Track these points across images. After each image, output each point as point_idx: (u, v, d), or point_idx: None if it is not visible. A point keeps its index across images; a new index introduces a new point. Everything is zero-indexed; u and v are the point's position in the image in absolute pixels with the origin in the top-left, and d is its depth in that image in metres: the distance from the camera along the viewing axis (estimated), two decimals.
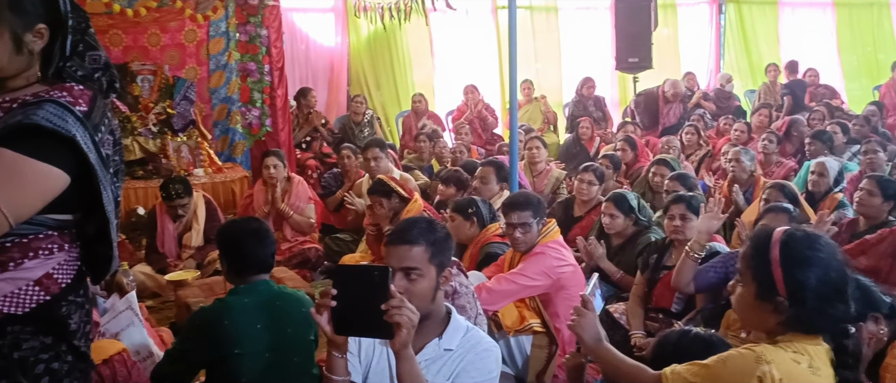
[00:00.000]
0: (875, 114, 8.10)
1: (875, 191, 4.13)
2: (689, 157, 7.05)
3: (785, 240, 1.77)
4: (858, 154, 6.50)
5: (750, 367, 1.69)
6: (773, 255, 1.76)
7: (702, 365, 1.77)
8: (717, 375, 1.73)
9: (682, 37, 10.97)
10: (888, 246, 3.73)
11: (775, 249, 1.76)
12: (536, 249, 3.59)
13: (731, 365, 1.73)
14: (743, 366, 1.70)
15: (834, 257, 1.74)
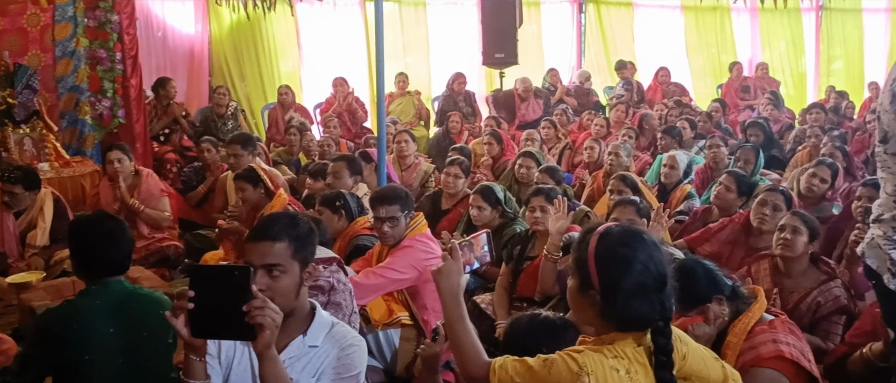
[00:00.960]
0: (718, 110, 8.72)
1: (732, 186, 4.44)
2: (550, 151, 7.30)
3: (602, 235, 1.80)
4: (704, 148, 6.99)
5: (570, 377, 1.70)
6: (590, 250, 1.79)
7: (528, 366, 1.76)
8: (541, 379, 1.73)
9: (546, 34, 11.33)
10: (728, 233, 4.04)
11: (592, 244, 1.79)
12: (404, 243, 3.60)
13: (556, 370, 1.73)
14: (565, 375, 1.71)
15: (649, 254, 1.76)
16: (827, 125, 7.95)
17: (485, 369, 1.83)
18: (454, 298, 1.97)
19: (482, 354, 1.90)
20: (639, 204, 3.71)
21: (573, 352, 1.75)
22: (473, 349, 1.91)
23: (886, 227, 2.14)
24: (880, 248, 2.16)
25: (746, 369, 2.42)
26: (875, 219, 2.19)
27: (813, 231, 3.32)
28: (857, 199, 4.08)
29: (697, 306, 2.49)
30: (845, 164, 5.29)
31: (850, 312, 3.22)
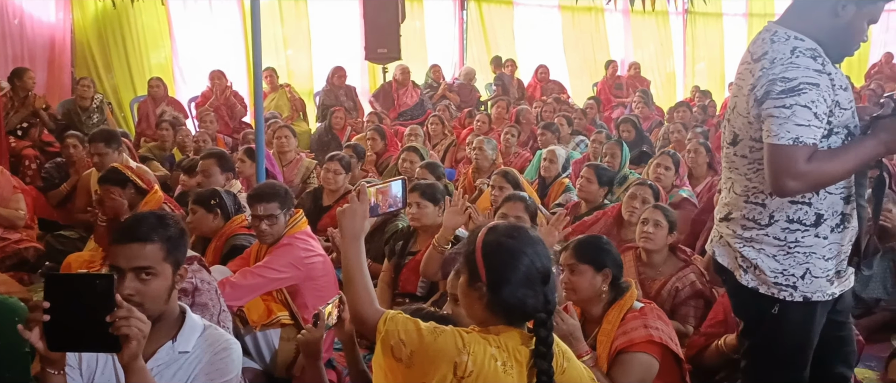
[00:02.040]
0: (593, 107, 9.07)
1: (592, 178, 4.63)
2: (436, 147, 7.35)
3: (489, 229, 1.88)
4: (582, 143, 7.26)
5: (453, 351, 1.75)
6: (477, 243, 1.85)
7: (418, 327, 1.79)
8: (426, 342, 1.77)
9: (429, 30, 11.39)
10: (601, 226, 4.20)
11: (480, 238, 1.86)
12: (283, 241, 3.51)
13: (440, 340, 1.77)
14: (450, 347, 1.75)
15: (534, 249, 1.83)
16: (692, 122, 8.43)
17: (376, 316, 1.84)
18: (355, 241, 1.98)
19: (376, 301, 1.91)
20: (527, 200, 3.80)
21: (463, 331, 1.80)
22: (368, 293, 1.91)
23: (736, 226, 2.22)
24: (729, 246, 2.24)
25: (620, 354, 2.55)
26: (723, 218, 2.27)
27: (672, 223, 3.55)
28: (718, 192, 4.32)
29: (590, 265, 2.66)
30: (708, 159, 5.62)
31: (706, 296, 3.44)
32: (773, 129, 2.01)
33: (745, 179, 2.19)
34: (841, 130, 2.13)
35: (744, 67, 2.15)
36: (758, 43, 2.14)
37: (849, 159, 2.06)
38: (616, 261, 2.73)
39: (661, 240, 3.50)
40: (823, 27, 2.09)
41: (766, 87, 2.02)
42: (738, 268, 2.22)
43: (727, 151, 2.24)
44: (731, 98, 2.23)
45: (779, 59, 2.03)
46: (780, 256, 2.15)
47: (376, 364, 1.83)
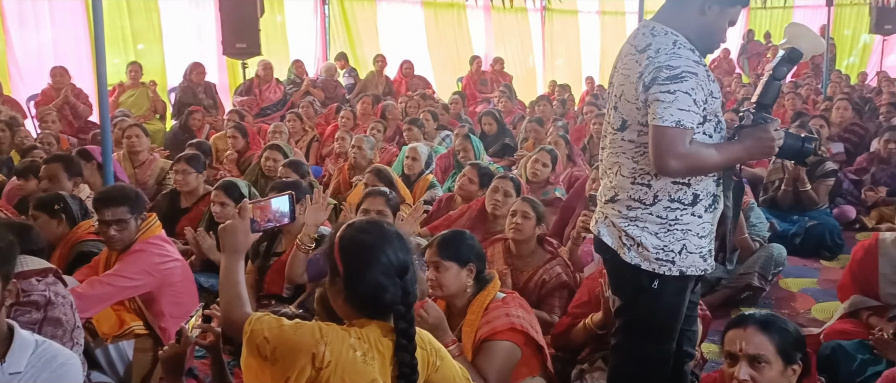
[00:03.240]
0: (458, 102, 9.19)
1: (474, 178, 4.67)
2: (297, 143, 7.20)
3: (347, 226, 1.92)
4: (447, 139, 7.34)
5: (311, 342, 1.77)
6: (336, 240, 1.89)
7: (281, 324, 1.82)
8: (286, 336, 1.79)
9: (291, 25, 11.14)
10: (467, 220, 4.27)
11: (338, 234, 1.90)
12: (135, 247, 3.31)
13: (300, 333, 1.79)
14: (307, 339, 1.78)
15: (390, 242, 1.88)
16: (552, 116, 8.75)
17: (244, 318, 1.86)
18: (235, 255, 2.03)
19: (246, 306, 1.97)
20: (389, 195, 3.79)
21: (323, 324, 1.84)
22: (240, 300, 1.98)
23: (621, 206, 2.37)
24: (614, 226, 2.39)
25: (483, 342, 2.60)
26: (609, 200, 2.41)
27: (539, 215, 3.64)
28: (592, 182, 4.49)
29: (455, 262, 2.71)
30: (568, 151, 5.84)
31: (570, 287, 3.56)
32: (659, 112, 2.19)
33: (633, 162, 2.35)
34: (712, 118, 2.33)
35: (629, 58, 2.33)
36: (639, 37, 2.34)
37: (721, 154, 2.28)
38: (479, 255, 2.79)
39: (529, 231, 3.59)
40: (692, 24, 2.32)
41: (653, 73, 2.21)
42: (622, 247, 2.37)
43: (614, 137, 2.39)
44: (617, 87, 2.38)
45: (663, 50, 2.24)
46: (662, 233, 2.33)
47: (244, 365, 1.85)
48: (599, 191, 2.53)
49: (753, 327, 2.13)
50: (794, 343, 2.14)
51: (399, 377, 1.84)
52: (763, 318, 2.16)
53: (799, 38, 2.44)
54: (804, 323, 4.09)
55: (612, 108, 2.41)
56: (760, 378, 2.08)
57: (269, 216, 2.18)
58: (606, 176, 2.48)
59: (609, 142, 2.44)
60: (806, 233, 5.33)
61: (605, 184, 2.47)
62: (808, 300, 4.54)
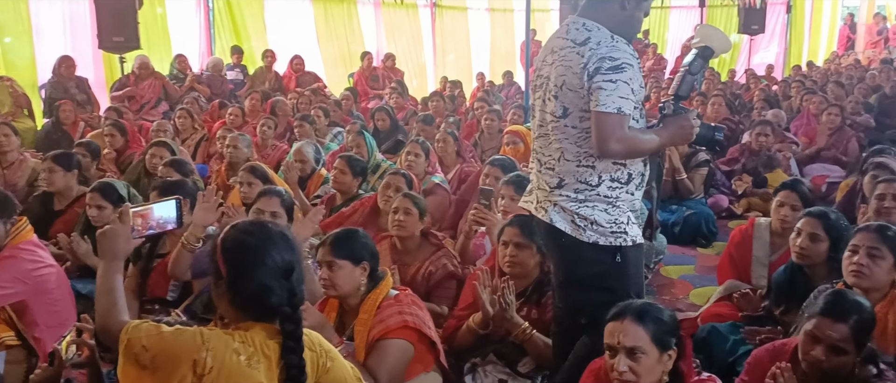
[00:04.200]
0: (349, 99, 9.11)
1: (346, 169, 4.64)
2: (185, 142, 6.94)
3: (230, 227, 1.90)
4: (339, 135, 7.27)
5: (192, 348, 1.74)
6: (219, 242, 1.86)
7: (160, 330, 1.77)
8: (165, 344, 1.75)
9: (172, 18, 10.69)
10: (359, 217, 4.26)
11: (221, 236, 1.88)
12: (5, 253, 3.11)
13: (181, 339, 1.75)
14: (188, 345, 1.74)
15: (274, 243, 1.86)
16: (445, 112, 8.82)
17: (121, 326, 1.80)
18: (114, 261, 2.00)
19: (123, 314, 1.94)
20: (283, 194, 3.72)
21: (205, 329, 1.80)
22: (117, 308, 1.94)
23: (569, 191, 2.53)
24: (565, 210, 2.53)
25: (377, 342, 2.59)
26: (556, 186, 2.55)
27: (421, 210, 3.67)
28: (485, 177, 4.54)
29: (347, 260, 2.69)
30: (456, 147, 5.90)
31: (458, 277, 3.61)
32: (602, 100, 2.38)
33: (577, 146, 2.51)
34: (639, 106, 2.55)
35: (568, 51, 2.49)
36: (573, 31, 2.51)
37: (653, 139, 2.54)
38: (372, 253, 2.78)
39: (412, 227, 3.61)
40: (615, 18, 2.52)
41: (597, 63, 2.40)
42: (577, 228, 2.52)
43: (557, 124, 2.53)
44: (556, 78, 2.51)
45: (603, 42, 2.44)
46: (610, 209, 2.52)
47: (122, 374, 1.78)
48: (539, 180, 2.63)
49: (629, 319, 2.19)
50: (668, 330, 2.22)
51: (287, 379, 1.81)
52: (638, 309, 2.22)
53: (710, 38, 2.69)
54: (683, 308, 4.31)
55: (551, 98, 2.53)
56: (638, 367, 2.16)
57: (152, 223, 2.14)
58: (547, 164, 2.59)
59: (550, 129, 2.56)
60: (684, 222, 5.61)
61: (548, 173, 2.58)
62: (687, 286, 4.78)
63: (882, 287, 2.78)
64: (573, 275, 2.63)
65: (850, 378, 2.35)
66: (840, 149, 7.17)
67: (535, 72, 2.69)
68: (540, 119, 2.63)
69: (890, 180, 3.92)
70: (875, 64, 15.11)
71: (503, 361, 3.05)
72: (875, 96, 10.28)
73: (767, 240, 3.91)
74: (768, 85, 12.08)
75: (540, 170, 2.63)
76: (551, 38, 2.63)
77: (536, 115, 2.67)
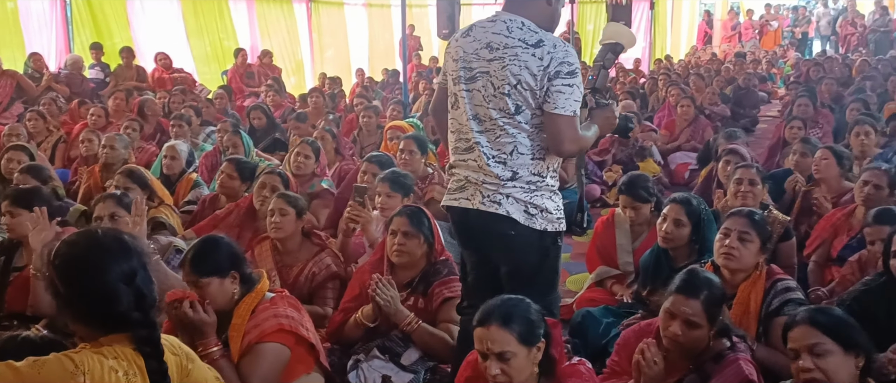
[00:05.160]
0: (223, 97, 8.81)
1: (234, 173, 4.48)
2: (40, 144, 6.48)
3: (61, 242, 1.80)
4: (212, 135, 7.01)
5: (63, 376, 1.64)
6: (50, 260, 1.77)
7: (15, 368, 1.64)
8: (30, 381, 1.63)
9: (24, 13, 9.96)
10: (235, 218, 4.14)
11: (52, 253, 1.77)
12: None
13: (45, 372, 1.64)
14: (57, 375, 1.64)
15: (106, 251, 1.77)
16: (324, 109, 8.70)
17: None
18: None
19: None
20: (122, 198, 3.53)
21: (71, 353, 1.68)
22: None
23: (523, 183, 2.61)
24: (519, 201, 2.61)
25: (252, 347, 2.53)
26: (510, 178, 2.61)
27: (299, 210, 3.60)
28: (362, 174, 4.51)
29: (214, 276, 2.58)
30: (335, 145, 5.84)
31: (341, 277, 3.58)
32: (560, 103, 2.51)
33: (530, 141, 2.60)
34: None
35: (521, 51, 2.53)
36: (517, 30, 2.56)
37: (592, 133, 2.70)
38: (237, 258, 2.67)
39: (289, 227, 3.54)
40: (542, 14, 2.63)
41: (557, 67, 2.51)
42: (529, 217, 2.62)
43: (509, 121, 2.59)
44: (512, 76, 2.54)
45: (559, 46, 2.54)
46: (553, 197, 2.67)
47: None
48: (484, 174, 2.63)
49: (495, 325, 2.21)
50: (534, 325, 2.26)
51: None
52: (503, 313, 2.23)
53: (619, 35, 2.89)
54: (560, 294, 4.45)
55: (500, 95, 2.58)
56: (510, 369, 2.20)
57: None
58: (496, 158, 2.62)
59: (501, 125, 2.60)
60: None
61: (498, 166, 2.61)
62: (563, 273, 4.93)
63: (748, 268, 2.99)
64: (527, 264, 2.70)
65: (706, 350, 2.51)
66: (697, 138, 7.65)
67: (457, 63, 2.68)
68: (478, 113, 2.64)
69: (747, 166, 4.23)
70: (730, 57, 16.21)
71: (387, 355, 3.05)
72: (730, 88, 11.03)
73: (628, 228, 4.11)
74: (635, 78, 12.69)
75: (487, 163, 2.62)
76: (481, 32, 2.64)
77: (466, 108, 2.66)
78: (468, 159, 2.68)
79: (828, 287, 3.71)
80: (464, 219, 2.74)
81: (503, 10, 2.66)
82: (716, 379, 2.43)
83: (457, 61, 2.68)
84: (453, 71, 2.70)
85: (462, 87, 2.66)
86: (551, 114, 2.53)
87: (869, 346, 2.14)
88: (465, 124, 2.68)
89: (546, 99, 2.53)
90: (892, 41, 18.10)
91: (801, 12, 21.53)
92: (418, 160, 4.75)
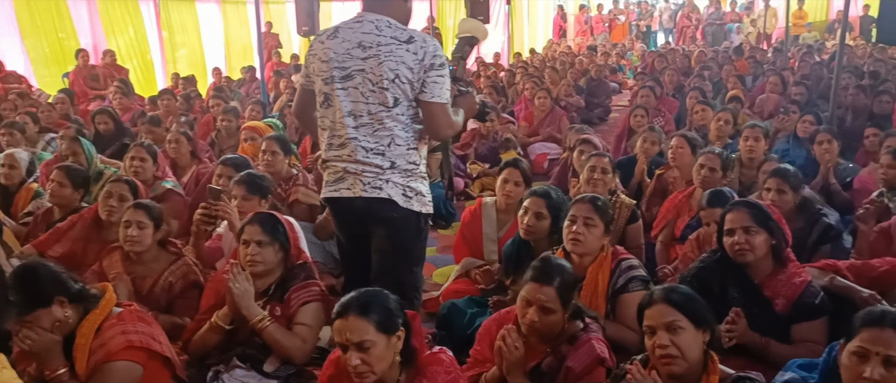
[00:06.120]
0: (64, 101, 8.22)
1: (64, 181, 4.17)
2: None
3: None
4: (53, 142, 6.54)
5: None
6: None
7: None
8: None
9: None
10: (79, 230, 3.88)
11: None
12: None
13: None
14: None
15: None
16: (178, 111, 8.30)
17: None
18: None
19: None
20: None
21: None
22: None
23: (400, 170, 2.87)
24: (399, 185, 2.87)
25: (100, 367, 2.38)
26: (390, 167, 2.85)
27: (156, 220, 3.41)
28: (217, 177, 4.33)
29: (38, 309, 2.41)
30: (191, 148, 5.58)
31: (200, 285, 3.44)
32: (436, 92, 2.79)
33: (405, 132, 2.85)
34: None
35: (395, 47, 2.77)
36: (386, 29, 2.79)
37: (461, 117, 3.00)
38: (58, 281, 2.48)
39: (148, 241, 3.37)
40: (401, 12, 2.89)
41: (431, 60, 2.77)
42: (408, 200, 2.89)
43: (389, 113, 2.81)
44: (387, 71, 2.76)
45: (429, 41, 2.80)
46: (424, 181, 2.97)
47: None
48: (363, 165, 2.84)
49: (353, 315, 2.21)
50: (392, 314, 2.27)
51: None
52: (361, 303, 2.24)
53: (474, 30, 3.23)
54: (426, 288, 4.50)
55: (378, 90, 2.79)
56: (370, 359, 2.20)
57: None
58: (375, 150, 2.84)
59: (378, 120, 2.82)
60: None
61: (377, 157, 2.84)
62: (429, 267, 4.98)
63: (594, 251, 3.15)
64: (404, 241, 2.98)
65: (562, 333, 2.62)
66: (554, 128, 7.95)
67: (327, 63, 2.84)
68: (354, 110, 2.84)
69: (599, 154, 4.43)
70: (583, 50, 16.96)
71: (248, 363, 2.96)
72: (584, 79, 11.54)
73: (494, 217, 4.21)
74: (495, 72, 13.00)
75: (366, 156, 2.84)
76: (349, 33, 2.83)
77: (341, 106, 2.84)
78: (343, 154, 2.88)
79: (672, 265, 3.96)
80: (347, 208, 2.94)
81: (364, 10, 2.88)
82: (571, 360, 2.54)
83: (327, 62, 2.84)
84: (323, 72, 2.86)
85: (336, 86, 2.83)
86: (429, 102, 2.80)
87: (714, 322, 2.29)
88: (339, 121, 2.86)
89: (423, 89, 2.79)
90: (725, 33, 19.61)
91: (645, 7, 22.88)
92: (281, 161, 4.63)
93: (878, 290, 3.08)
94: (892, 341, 2.04)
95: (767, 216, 2.92)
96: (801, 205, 3.84)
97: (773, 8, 17.96)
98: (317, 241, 4.35)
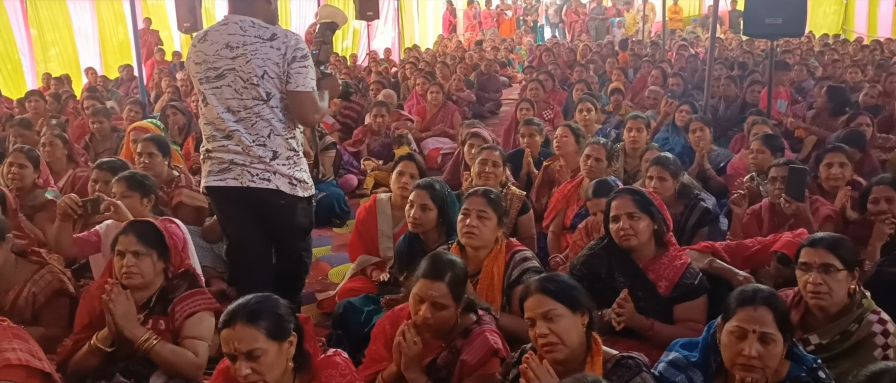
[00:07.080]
0: None
1: None
2: None
3: None
4: None
5: None
6: None
7: None
8: None
9: None
10: None
11: None
12: None
13: None
14: None
15: None
16: (48, 112, 7.81)
17: None
18: None
19: None
20: None
21: None
22: None
23: (283, 159, 3.14)
24: (284, 175, 3.15)
25: None
26: (272, 158, 3.11)
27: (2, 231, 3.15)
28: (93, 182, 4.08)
29: None
30: (67, 151, 5.26)
31: (70, 294, 3.26)
32: (300, 81, 3.06)
33: (281, 123, 3.12)
34: None
35: (260, 45, 3.02)
36: (251, 29, 3.04)
37: (327, 101, 3.32)
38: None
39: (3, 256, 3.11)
40: (265, 12, 3.11)
41: (293, 53, 3.03)
42: (293, 187, 3.19)
43: (263, 107, 3.07)
44: (257, 69, 3.02)
45: (290, 36, 3.06)
46: (306, 168, 3.28)
47: None
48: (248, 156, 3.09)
49: (241, 323, 2.13)
50: (282, 319, 2.20)
51: None
52: (248, 310, 2.15)
53: (334, 15, 3.56)
54: (321, 288, 4.43)
55: (250, 86, 3.03)
56: (260, 367, 2.12)
57: None
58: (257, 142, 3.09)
59: (256, 112, 3.07)
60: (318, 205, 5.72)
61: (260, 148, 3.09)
62: (325, 266, 4.90)
63: (489, 244, 3.18)
64: (293, 227, 3.31)
65: (456, 327, 2.63)
66: (446, 122, 7.99)
67: (200, 66, 3.08)
68: (230, 106, 3.07)
69: (490, 148, 4.48)
70: (472, 45, 17.16)
71: (132, 380, 2.79)
72: (474, 74, 11.67)
73: (390, 213, 4.19)
74: (387, 68, 12.95)
75: (249, 147, 3.08)
76: (216, 35, 3.06)
77: (215, 104, 3.08)
78: (228, 144, 3.11)
79: (564, 253, 4.06)
80: (234, 196, 3.18)
81: (230, 12, 3.10)
82: (466, 353, 2.55)
83: (199, 64, 3.08)
84: (198, 73, 3.10)
85: (209, 86, 3.07)
86: (295, 91, 3.07)
87: (591, 304, 2.35)
88: (217, 118, 3.10)
89: (289, 81, 3.05)
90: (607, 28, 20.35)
91: (530, 2, 23.43)
92: (160, 162, 4.41)
93: (751, 268, 3.28)
94: (765, 318, 2.15)
95: (649, 202, 3.03)
96: (680, 191, 4.02)
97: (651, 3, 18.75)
98: (205, 245, 4.20)
